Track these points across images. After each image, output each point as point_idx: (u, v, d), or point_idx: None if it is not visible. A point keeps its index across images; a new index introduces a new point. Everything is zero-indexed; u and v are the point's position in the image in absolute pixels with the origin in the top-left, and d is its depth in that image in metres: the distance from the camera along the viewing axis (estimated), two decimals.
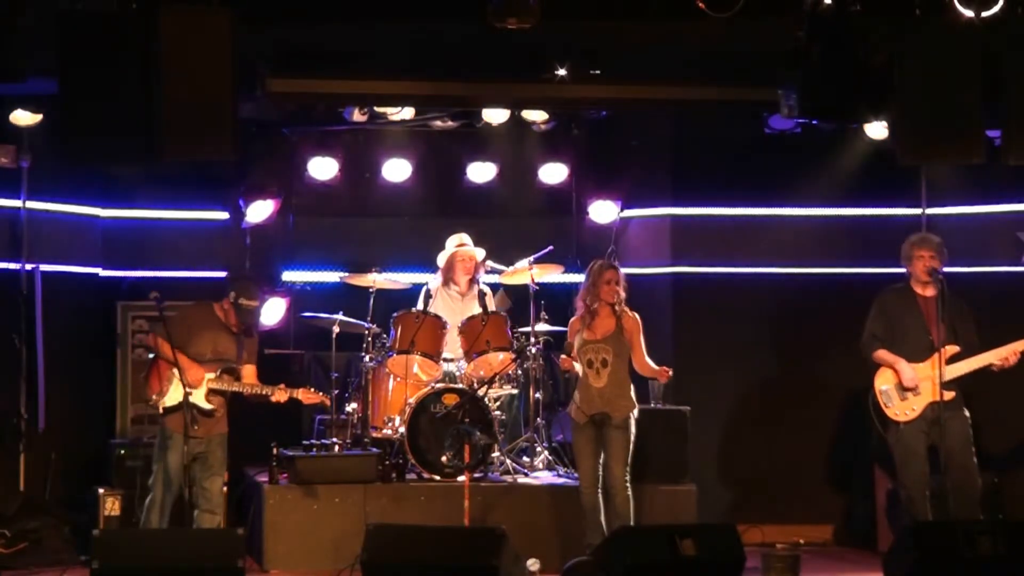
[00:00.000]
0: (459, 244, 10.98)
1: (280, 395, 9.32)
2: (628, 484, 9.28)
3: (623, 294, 9.39)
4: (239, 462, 10.64)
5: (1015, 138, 9.02)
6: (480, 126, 11.29)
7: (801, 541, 10.09)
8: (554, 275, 11.19)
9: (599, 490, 9.32)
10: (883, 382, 9.31)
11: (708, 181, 11.42)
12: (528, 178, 11.87)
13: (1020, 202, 11.07)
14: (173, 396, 9.13)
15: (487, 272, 11.12)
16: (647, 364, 9.41)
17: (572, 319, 9.57)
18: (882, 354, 9.33)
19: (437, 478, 10.11)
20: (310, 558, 9.79)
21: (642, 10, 9.00)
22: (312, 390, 9.56)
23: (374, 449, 10.34)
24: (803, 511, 11.15)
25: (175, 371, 9.04)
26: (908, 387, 9.20)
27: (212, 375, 9.19)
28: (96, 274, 11.27)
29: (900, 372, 9.22)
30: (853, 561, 10.48)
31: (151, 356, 9.32)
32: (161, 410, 9.15)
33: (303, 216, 11.78)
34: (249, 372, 9.38)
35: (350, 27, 9.14)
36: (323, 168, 11.53)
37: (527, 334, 10.62)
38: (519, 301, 10.93)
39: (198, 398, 9.13)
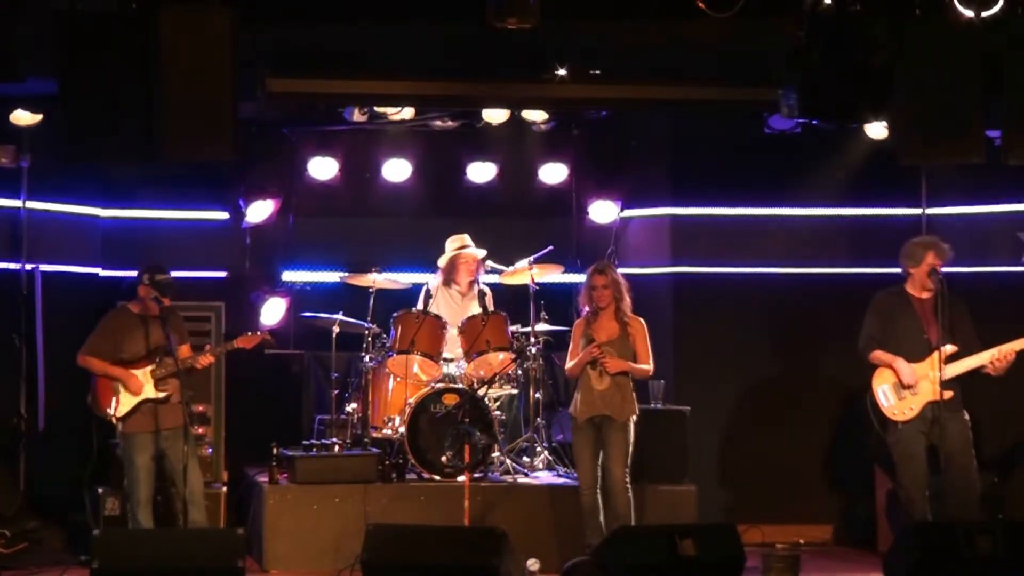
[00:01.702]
0: (461, 245, 10.98)
1: (204, 359, 9.34)
2: (628, 486, 9.28)
3: (627, 298, 9.40)
4: (239, 462, 10.67)
5: (1015, 138, 9.02)
6: (480, 126, 11.29)
7: (801, 541, 10.09)
8: (554, 275, 11.19)
9: (599, 491, 9.33)
10: (881, 382, 9.30)
11: (708, 181, 11.43)
12: (528, 178, 11.88)
13: (1020, 202, 11.08)
14: (126, 403, 9.21)
15: (487, 272, 11.13)
16: (643, 368, 9.41)
17: (577, 320, 9.58)
18: (879, 354, 9.32)
19: (437, 478, 10.12)
20: (310, 558, 9.80)
21: (642, 10, 9.00)
22: (249, 333, 9.55)
23: (374, 449, 10.34)
24: (803, 511, 11.15)
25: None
26: (907, 384, 9.19)
27: (152, 366, 9.20)
28: (96, 274, 11.27)
29: (898, 370, 9.21)
30: (853, 561, 10.48)
31: (95, 376, 9.37)
32: (115, 420, 9.23)
33: (303, 216, 11.78)
34: (184, 350, 9.37)
35: (350, 27, 9.14)
36: (323, 168, 11.54)
37: (527, 334, 10.62)
38: (519, 301, 10.92)
39: (149, 392, 9.18)
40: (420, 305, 10.87)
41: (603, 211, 11.81)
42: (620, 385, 9.32)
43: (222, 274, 11.31)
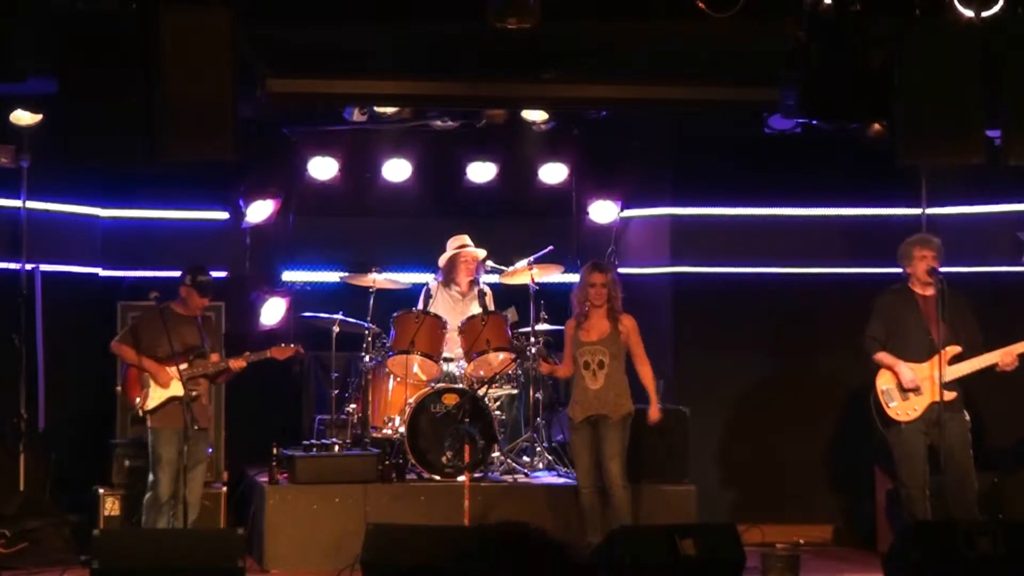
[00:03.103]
0: (461, 245, 10.99)
1: (237, 363, 9.47)
2: (625, 483, 9.29)
3: (619, 296, 9.42)
4: (239, 462, 10.67)
5: (1015, 138, 9.02)
6: (480, 126, 11.29)
7: (801, 541, 10.09)
8: (554, 275, 11.19)
9: (597, 490, 9.33)
10: (884, 382, 9.30)
11: (708, 181, 11.42)
12: (528, 178, 11.87)
13: (1020, 202, 11.07)
14: (155, 397, 9.30)
15: (487, 272, 11.13)
16: (647, 372, 9.44)
17: (568, 320, 9.59)
18: (881, 356, 9.33)
19: (437, 478, 10.12)
20: (310, 558, 9.80)
21: (642, 10, 9.00)
22: (283, 344, 9.68)
23: (374, 449, 10.34)
24: (803, 511, 11.15)
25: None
26: (908, 388, 9.20)
27: (185, 364, 9.28)
28: (96, 274, 11.27)
29: (899, 375, 9.21)
30: (853, 561, 10.48)
31: (126, 366, 9.48)
32: (141, 413, 9.34)
33: (303, 216, 11.78)
34: (215, 357, 9.53)
35: (350, 27, 9.14)
36: (323, 168, 11.53)
37: (527, 334, 10.62)
38: (519, 301, 10.92)
39: (177, 389, 9.25)
40: (420, 305, 10.87)
41: (603, 211, 11.81)
42: (614, 383, 9.34)
43: (222, 274, 11.29)
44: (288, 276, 11.72)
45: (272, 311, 11.39)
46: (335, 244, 11.81)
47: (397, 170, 11.64)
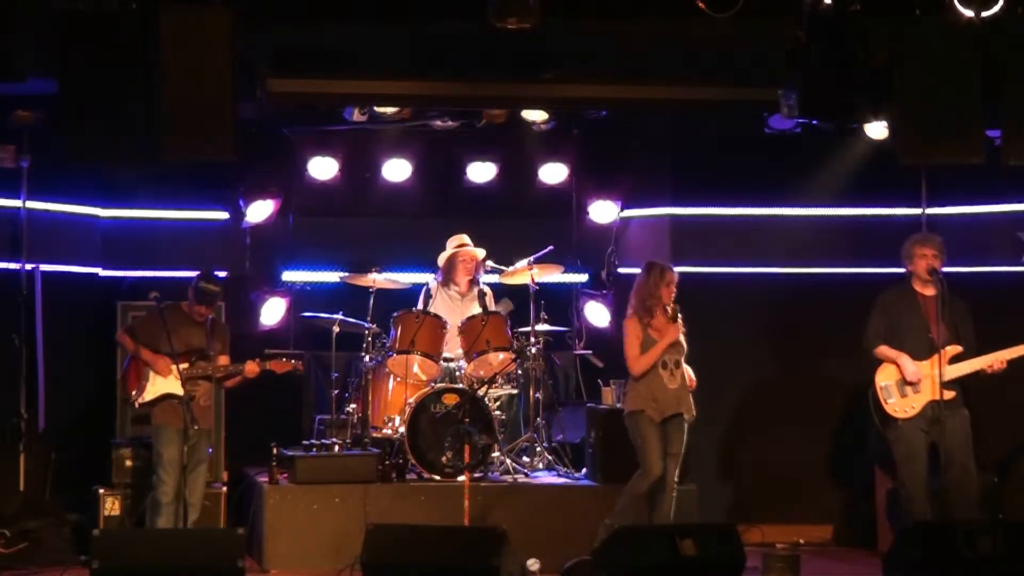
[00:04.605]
0: (459, 244, 10.99)
1: (252, 367, 9.48)
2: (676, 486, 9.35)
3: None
4: (239, 462, 10.67)
5: (1015, 138, 9.02)
6: (480, 126, 11.29)
7: (801, 541, 10.10)
8: (554, 275, 11.20)
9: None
10: (884, 378, 9.31)
11: (708, 181, 11.42)
12: (528, 178, 11.87)
13: (1020, 202, 11.08)
14: (151, 391, 9.35)
15: (487, 272, 11.12)
16: None
17: (629, 322, 9.48)
18: (884, 349, 9.33)
19: (437, 478, 10.11)
20: (310, 558, 9.80)
21: (642, 10, 9.01)
22: (283, 359, 9.69)
23: (374, 449, 10.34)
24: (803, 511, 11.15)
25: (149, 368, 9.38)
26: (911, 381, 9.20)
27: (186, 365, 9.31)
28: (96, 274, 11.27)
29: (903, 367, 9.21)
30: (853, 561, 10.48)
31: (128, 358, 9.54)
32: (137, 406, 9.40)
33: (303, 216, 11.78)
34: (223, 359, 9.55)
35: (350, 27, 9.14)
36: (323, 168, 11.53)
37: (527, 334, 10.62)
38: (519, 301, 10.92)
39: (173, 386, 9.27)
40: (420, 305, 10.87)
41: (603, 211, 11.81)
42: (685, 383, 9.41)
43: (222, 274, 11.26)
44: (288, 276, 11.71)
45: (272, 311, 11.40)
46: (335, 244, 11.80)
47: (397, 170, 11.64)
